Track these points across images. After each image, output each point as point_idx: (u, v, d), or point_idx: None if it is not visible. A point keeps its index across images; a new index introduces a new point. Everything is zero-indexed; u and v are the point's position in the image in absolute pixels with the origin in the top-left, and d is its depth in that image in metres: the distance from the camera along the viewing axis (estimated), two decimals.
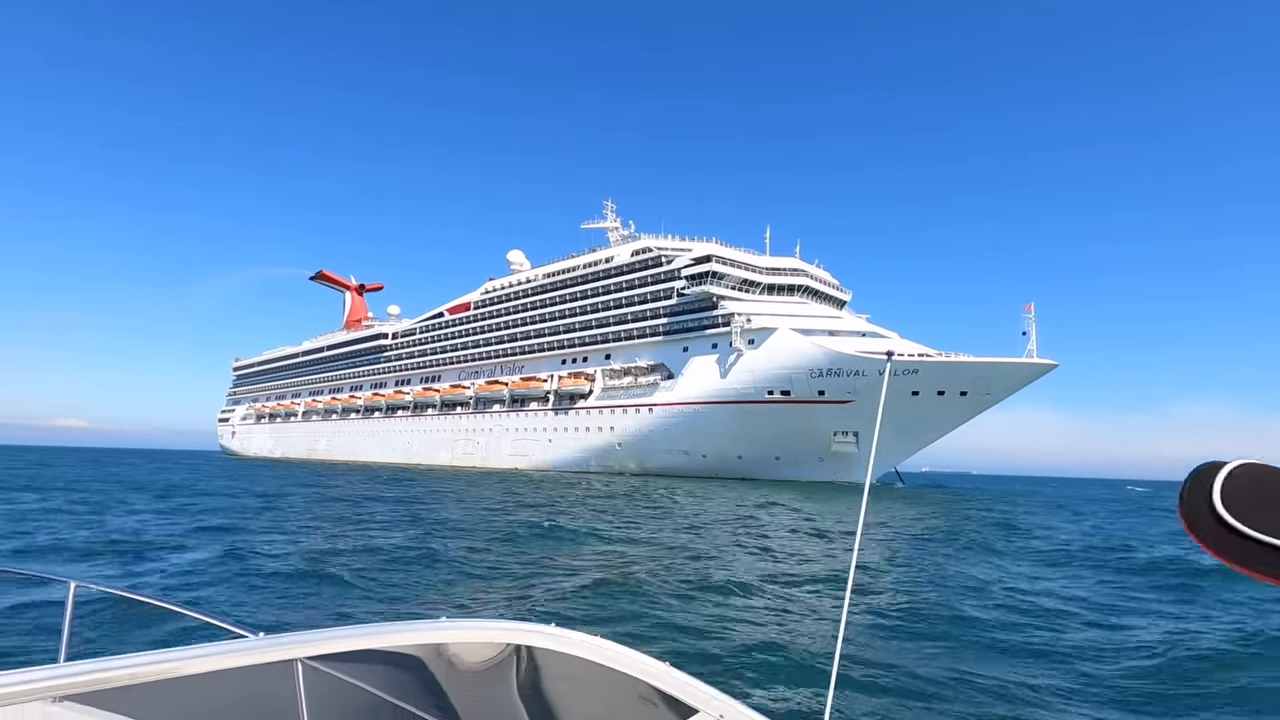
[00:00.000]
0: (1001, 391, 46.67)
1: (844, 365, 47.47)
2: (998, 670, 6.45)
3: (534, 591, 9.58)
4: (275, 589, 9.62)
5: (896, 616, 8.51)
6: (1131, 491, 73.46)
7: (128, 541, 13.52)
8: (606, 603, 8.78)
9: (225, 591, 9.44)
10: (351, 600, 9.09)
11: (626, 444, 58.59)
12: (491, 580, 10.48)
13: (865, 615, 8.53)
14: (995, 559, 14.35)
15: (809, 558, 13.82)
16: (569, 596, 9.11)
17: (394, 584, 10.03)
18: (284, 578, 10.28)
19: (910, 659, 6.64)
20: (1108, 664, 6.87)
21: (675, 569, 11.51)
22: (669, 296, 58.02)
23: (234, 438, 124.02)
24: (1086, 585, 11.63)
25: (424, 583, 10.20)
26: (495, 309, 75.80)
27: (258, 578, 10.24)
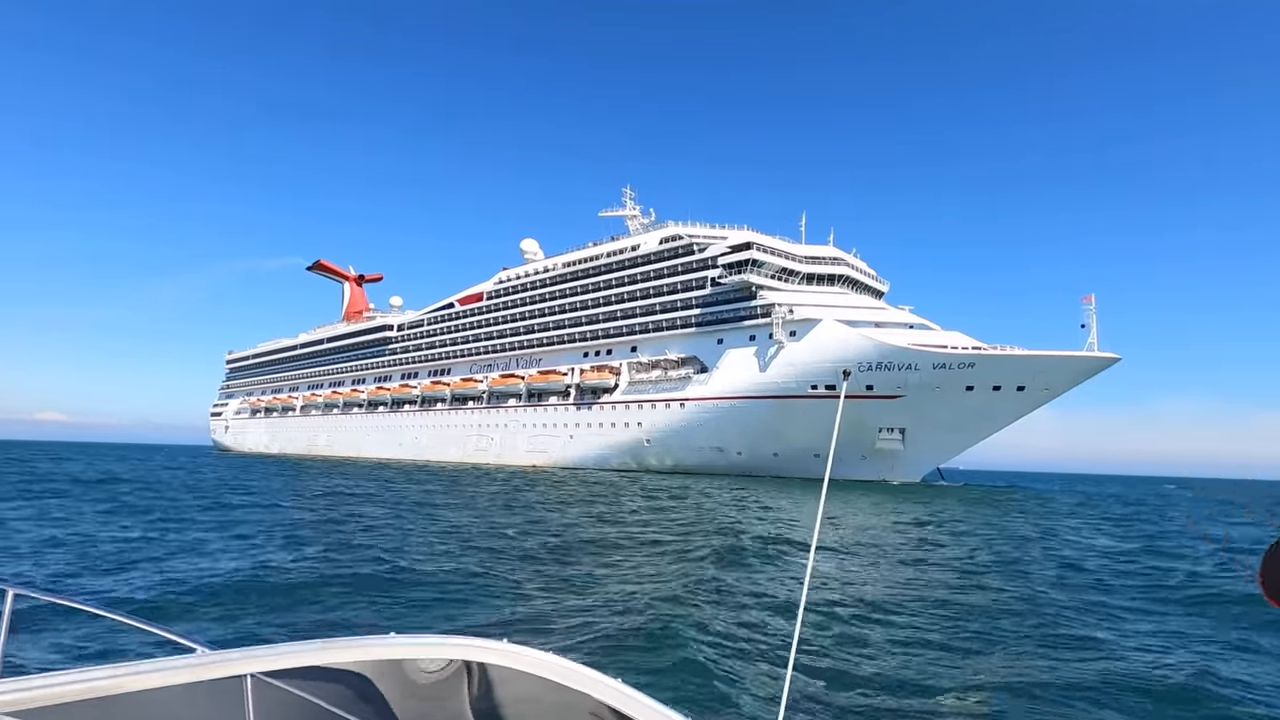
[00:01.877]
0: (1061, 386, 44.59)
1: (895, 359, 45.17)
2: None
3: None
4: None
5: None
6: (1175, 491, 71.64)
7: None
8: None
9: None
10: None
11: (656, 440, 56.04)
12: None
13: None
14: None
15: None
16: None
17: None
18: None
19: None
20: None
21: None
22: (701, 286, 55.41)
23: (227, 433, 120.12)
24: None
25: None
26: (510, 299, 72.82)
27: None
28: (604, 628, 7.46)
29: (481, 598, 9.16)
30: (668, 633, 7.18)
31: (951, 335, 47.32)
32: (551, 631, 7.28)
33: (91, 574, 10.16)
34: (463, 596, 9.20)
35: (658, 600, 8.80)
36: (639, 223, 68.96)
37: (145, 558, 11.49)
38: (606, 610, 8.39)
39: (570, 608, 8.56)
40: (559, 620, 7.87)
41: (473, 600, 9.02)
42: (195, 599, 8.65)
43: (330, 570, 10.71)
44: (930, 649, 7.23)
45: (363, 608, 8.48)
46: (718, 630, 7.52)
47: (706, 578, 10.52)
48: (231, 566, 10.86)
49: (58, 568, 10.51)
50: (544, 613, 8.32)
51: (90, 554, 11.73)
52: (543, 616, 8.13)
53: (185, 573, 10.24)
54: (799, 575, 11.31)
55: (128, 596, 8.56)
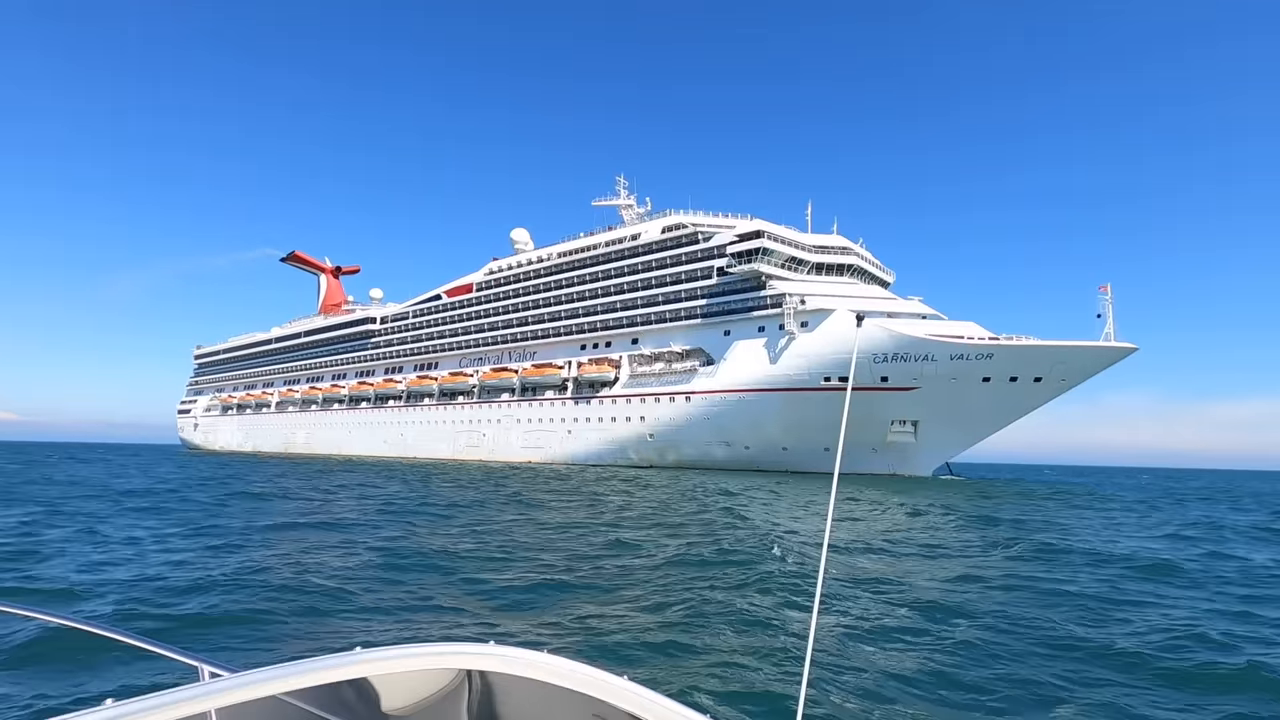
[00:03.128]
0: (1077, 376, 44.04)
1: (912, 349, 44.18)
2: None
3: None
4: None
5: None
6: (1152, 482, 72.32)
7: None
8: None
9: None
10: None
11: (660, 435, 54.44)
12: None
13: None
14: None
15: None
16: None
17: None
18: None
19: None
20: None
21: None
22: (707, 276, 53.87)
23: (197, 430, 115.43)
24: None
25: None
26: (502, 290, 70.46)
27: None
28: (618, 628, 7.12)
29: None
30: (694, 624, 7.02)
31: (966, 325, 46.52)
32: (554, 632, 6.87)
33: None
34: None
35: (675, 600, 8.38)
36: (634, 212, 67.14)
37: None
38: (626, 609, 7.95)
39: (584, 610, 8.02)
40: (570, 622, 7.42)
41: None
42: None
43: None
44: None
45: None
46: (739, 630, 7.15)
47: (722, 575, 10.14)
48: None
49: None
50: (544, 612, 7.84)
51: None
52: (541, 616, 7.66)
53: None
54: (839, 577, 10.32)
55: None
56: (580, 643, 6.58)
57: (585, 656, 2.03)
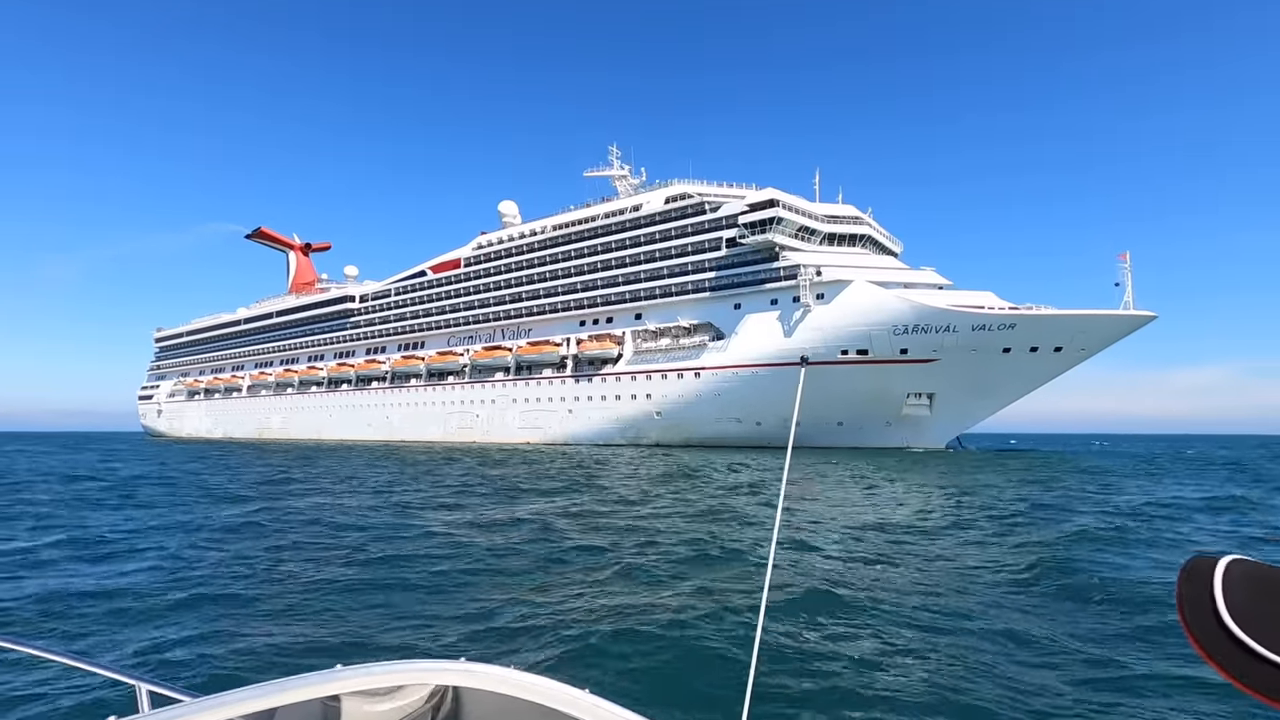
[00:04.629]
0: (1096, 346, 43.68)
1: (933, 320, 43.26)
2: None
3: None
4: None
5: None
6: (1105, 447, 73.64)
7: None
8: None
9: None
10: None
11: (668, 413, 52.89)
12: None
13: None
14: None
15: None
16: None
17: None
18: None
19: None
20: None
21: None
22: (716, 248, 52.08)
23: (160, 417, 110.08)
24: None
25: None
26: (493, 265, 67.62)
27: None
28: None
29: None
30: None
31: (983, 295, 45.75)
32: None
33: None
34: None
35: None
36: (628, 183, 64.86)
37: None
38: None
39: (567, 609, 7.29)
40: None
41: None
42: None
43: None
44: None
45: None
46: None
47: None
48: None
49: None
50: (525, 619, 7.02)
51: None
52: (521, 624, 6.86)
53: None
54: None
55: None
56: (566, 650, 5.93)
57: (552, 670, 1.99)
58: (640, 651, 5.92)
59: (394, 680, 1.80)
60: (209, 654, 5.96)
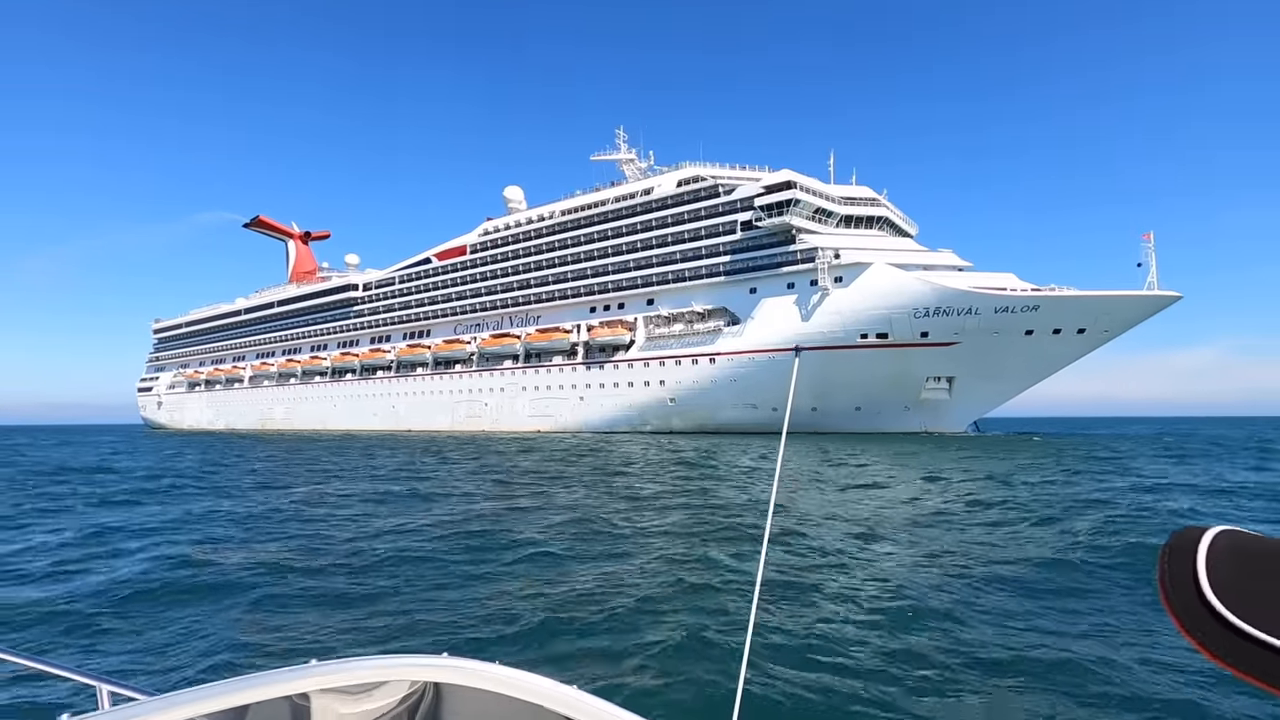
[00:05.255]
0: (1119, 327, 43.13)
1: (955, 302, 42.62)
2: None
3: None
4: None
5: None
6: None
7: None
8: None
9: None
10: None
11: (682, 399, 52.28)
12: None
13: None
14: None
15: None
16: None
17: None
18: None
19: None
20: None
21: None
22: (730, 231, 51.26)
23: (160, 409, 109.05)
24: None
25: None
26: (500, 252, 66.64)
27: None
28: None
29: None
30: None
31: (1005, 277, 45.10)
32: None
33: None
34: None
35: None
36: (636, 167, 63.91)
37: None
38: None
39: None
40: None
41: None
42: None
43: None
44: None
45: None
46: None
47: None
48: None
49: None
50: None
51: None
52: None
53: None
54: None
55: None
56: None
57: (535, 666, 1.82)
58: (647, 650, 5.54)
59: (371, 676, 1.71)
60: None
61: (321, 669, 1.66)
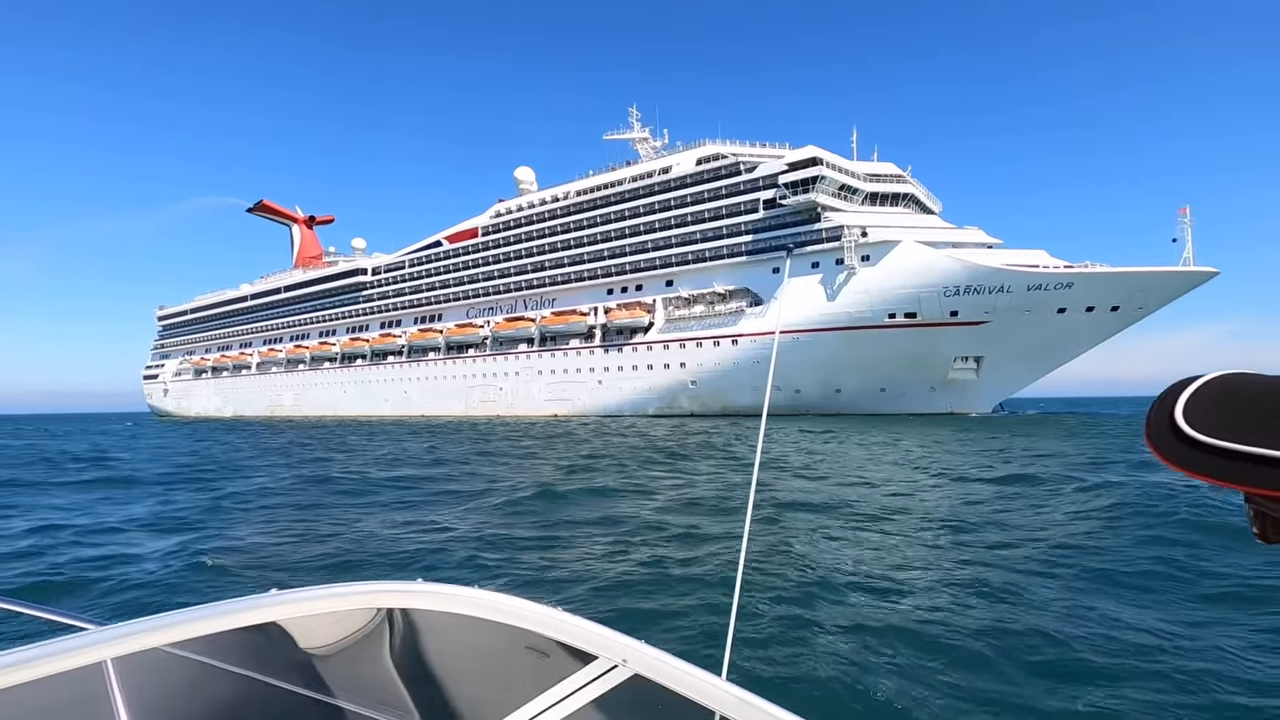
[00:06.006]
0: (1154, 304, 42.29)
1: (986, 280, 41.74)
2: None
3: None
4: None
5: None
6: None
7: None
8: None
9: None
10: None
11: (703, 382, 51.54)
12: None
13: None
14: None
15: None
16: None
17: None
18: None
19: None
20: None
21: None
22: (752, 210, 50.23)
23: (167, 396, 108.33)
24: None
25: None
26: (512, 234, 65.57)
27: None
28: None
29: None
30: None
31: (1036, 254, 44.24)
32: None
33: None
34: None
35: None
36: (650, 146, 62.69)
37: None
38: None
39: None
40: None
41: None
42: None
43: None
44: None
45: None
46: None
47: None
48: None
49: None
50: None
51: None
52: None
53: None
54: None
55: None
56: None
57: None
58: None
59: (337, 605, 1.63)
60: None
61: (284, 596, 1.54)
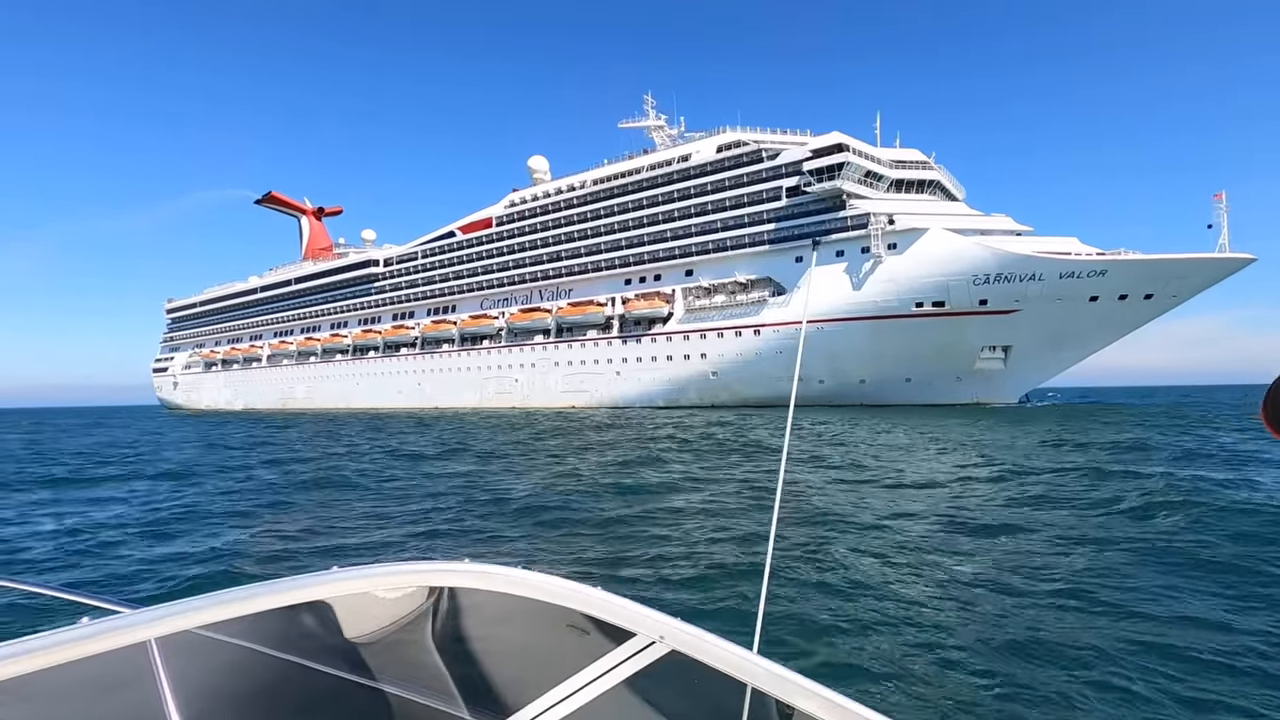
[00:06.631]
0: (1189, 291, 41.47)
1: (1017, 268, 40.96)
2: None
3: None
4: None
5: None
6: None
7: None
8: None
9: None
10: None
11: (725, 372, 50.91)
12: None
13: None
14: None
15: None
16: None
17: None
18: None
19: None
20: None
21: None
22: (775, 197, 49.43)
23: (177, 389, 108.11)
24: None
25: None
26: (528, 224, 64.82)
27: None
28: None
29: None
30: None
31: (1067, 241, 43.37)
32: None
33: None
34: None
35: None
36: (666, 134, 61.86)
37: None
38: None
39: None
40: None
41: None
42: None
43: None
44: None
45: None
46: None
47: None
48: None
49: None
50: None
51: None
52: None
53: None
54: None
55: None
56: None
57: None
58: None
59: (388, 584, 1.70)
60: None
61: (338, 575, 1.59)
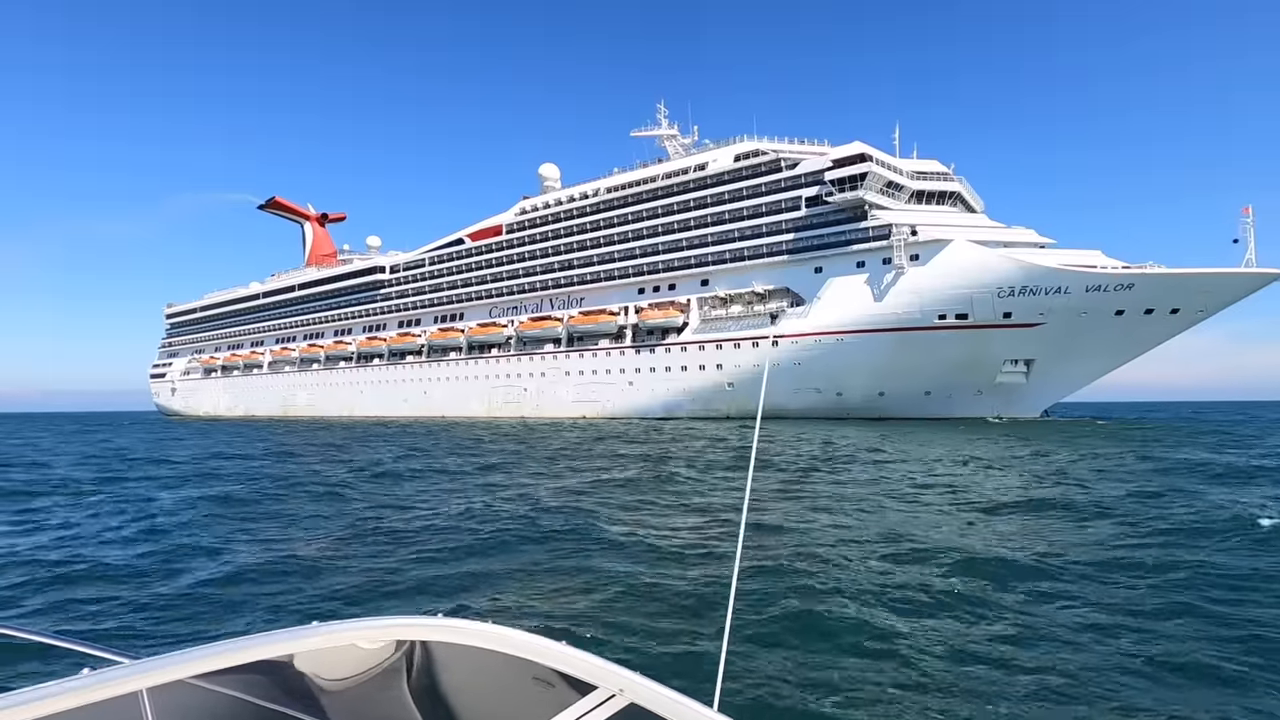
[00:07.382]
0: (1215, 306, 41.01)
1: (1043, 281, 40.45)
2: None
3: None
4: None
5: None
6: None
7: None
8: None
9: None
10: None
11: (741, 384, 50.23)
12: None
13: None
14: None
15: None
16: None
17: None
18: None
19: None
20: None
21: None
22: (794, 207, 48.89)
23: (175, 395, 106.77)
24: None
25: None
26: (539, 231, 64.13)
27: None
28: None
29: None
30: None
31: (1092, 255, 42.94)
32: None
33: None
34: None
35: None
36: (679, 143, 61.43)
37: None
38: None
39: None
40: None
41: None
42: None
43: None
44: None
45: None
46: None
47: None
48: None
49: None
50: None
51: None
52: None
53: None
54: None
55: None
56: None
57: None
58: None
59: (360, 639, 1.70)
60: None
61: (320, 629, 1.61)
